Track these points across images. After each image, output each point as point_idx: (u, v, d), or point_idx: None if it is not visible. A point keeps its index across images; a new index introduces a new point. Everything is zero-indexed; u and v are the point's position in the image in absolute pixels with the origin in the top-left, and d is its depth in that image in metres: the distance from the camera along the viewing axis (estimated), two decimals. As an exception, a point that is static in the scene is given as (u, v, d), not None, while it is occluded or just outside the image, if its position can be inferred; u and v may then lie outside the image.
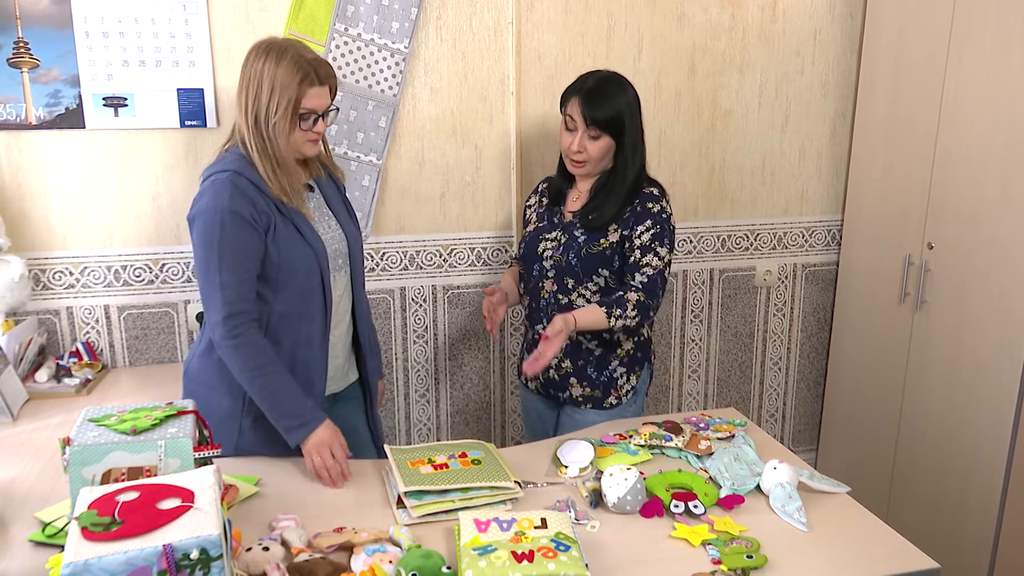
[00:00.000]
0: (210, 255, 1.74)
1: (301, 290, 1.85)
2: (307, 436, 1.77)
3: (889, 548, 1.55)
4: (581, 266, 2.10)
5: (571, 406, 2.22)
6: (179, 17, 2.41)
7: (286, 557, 1.44)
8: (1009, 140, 2.31)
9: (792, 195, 3.07)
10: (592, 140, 2.05)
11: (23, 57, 2.33)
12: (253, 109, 1.77)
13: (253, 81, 1.77)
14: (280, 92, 1.75)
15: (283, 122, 1.76)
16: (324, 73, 1.81)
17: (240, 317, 1.76)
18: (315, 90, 1.79)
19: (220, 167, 1.80)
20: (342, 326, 2.00)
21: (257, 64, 1.77)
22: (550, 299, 2.16)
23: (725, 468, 1.79)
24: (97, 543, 1.10)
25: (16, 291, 2.34)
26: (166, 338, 2.62)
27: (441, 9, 2.59)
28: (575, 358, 2.18)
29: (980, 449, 2.46)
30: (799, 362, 3.25)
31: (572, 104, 2.05)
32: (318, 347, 1.90)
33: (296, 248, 1.82)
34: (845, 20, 2.94)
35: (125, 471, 1.38)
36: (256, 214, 1.76)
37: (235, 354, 1.77)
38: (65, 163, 2.44)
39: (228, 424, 1.88)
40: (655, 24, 2.77)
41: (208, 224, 1.74)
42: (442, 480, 1.63)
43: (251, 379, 1.78)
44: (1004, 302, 2.35)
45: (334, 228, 1.96)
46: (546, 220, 2.21)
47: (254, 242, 1.77)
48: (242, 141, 1.81)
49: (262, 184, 1.78)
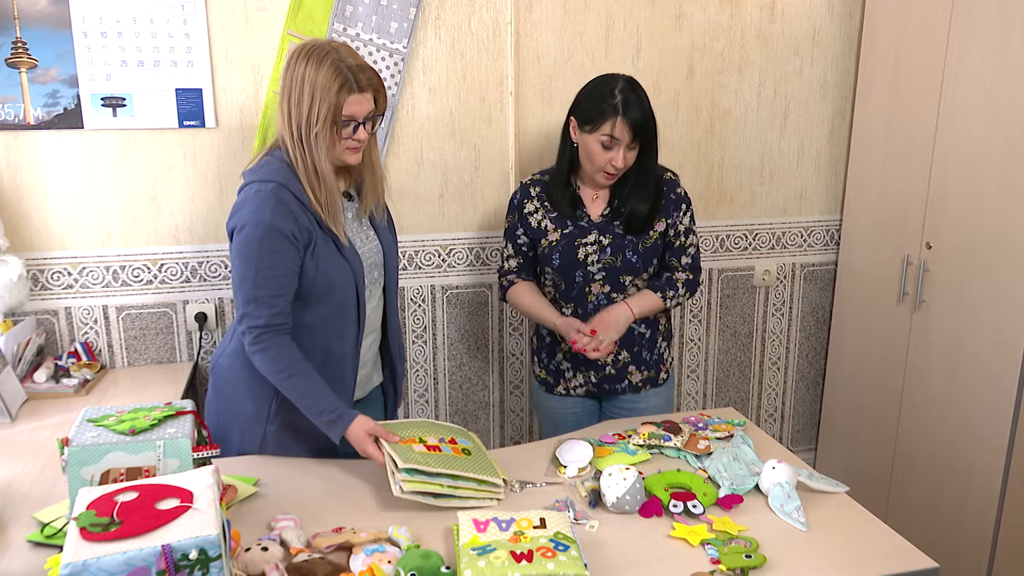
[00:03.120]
0: (247, 268, 1.73)
1: (336, 305, 1.84)
2: (346, 429, 1.73)
3: (888, 548, 1.55)
4: (641, 262, 2.14)
5: (629, 394, 2.25)
6: (177, 17, 2.41)
7: (285, 557, 1.44)
8: (1008, 140, 2.31)
9: (791, 195, 3.07)
10: (631, 151, 2.05)
11: (21, 57, 2.33)
12: (296, 117, 1.72)
13: (295, 88, 1.72)
14: (320, 100, 1.70)
15: (324, 131, 1.72)
16: (365, 80, 1.74)
17: (270, 329, 1.75)
18: (355, 97, 1.73)
19: (264, 175, 1.76)
20: (372, 335, 1.99)
21: (298, 69, 1.72)
22: (600, 301, 2.16)
23: (724, 468, 1.79)
24: (96, 543, 1.10)
25: (14, 291, 2.34)
26: (165, 338, 2.62)
27: (440, 9, 2.59)
28: (630, 346, 2.21)
29: (979, 448, 2.46)
30: (798, 362, 3.26)
31: (611, 124, 2.01)
32: (349, 361, 1.89)
33: (334, 264, 1.80)
34: (844, 20, 2.94)
35: (124, 471, 1.38)
36: (298, 231, 1.74)
37: (263, 359, 1.76)
38: (63, 163, 2.44)
39: (253, 427, 1.89)
40: (654, 24, 2.77)
41: (249, 238, 1.72)
42: (436, 463, 1.64)
43: (282, 381, 1.77)
44: (1003, 301, 2.35)
45: (371, 239, 1.93)
46: (571, 225, 2.16)
47: (292, 258, 1.75)
48: (285, 149, 1.77)
49: (305, 198, 1.75)
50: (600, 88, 2.06)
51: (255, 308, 1.74)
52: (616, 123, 2.00)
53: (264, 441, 1.90)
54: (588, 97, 2.08)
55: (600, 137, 2.03)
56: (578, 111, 2.09)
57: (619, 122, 2.00)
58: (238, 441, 1.92)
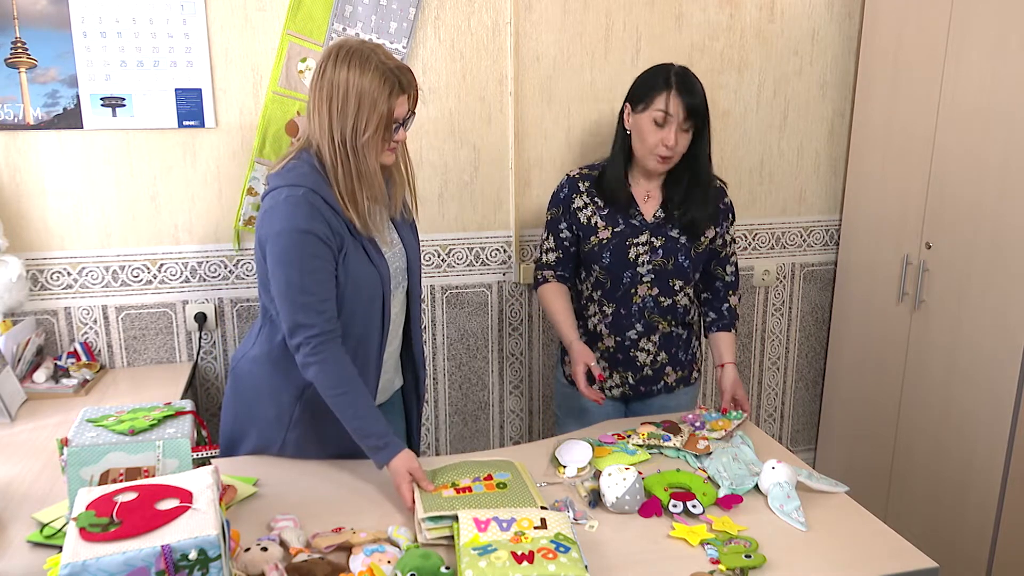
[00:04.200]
0: (290, 275, 1.68)
1: (361, 311, 1.80)
2: (391, 458, 1.69)
3: (887, 547, 1.55)
4: (692, 266, 2.15)
5: (663, 394, 2.26)
6: (177, 17, 2.41)
7: (284, 557, 1.44)
8: (1007, 140, 2.31)
9: (790, 195, 3.07)
10: (684, 133, 2.03)
11: (21, 57, 2.33)
12: (340, 124, 1.66)
13: (337, 93, 1.65)
14: (370, 107, 1.65)
15: (375, 138, 1.68)
16: (407, 80, 1.71)
17: (324, 336, 1.70)
18: (401, 99, 1.70)
19: (294, 180, 1.70)
20: (395, 342, 1.95)
21: (340, 73, 1.65)
22: (646, 303, 2.16)
23: (723, 468, 1.79)
24: (95, 544, 1.10)
25: (14, 291, 2.34)
26: (164, 338, 2.62)
27: (439, 9, 2.59)
28: (668, 347, 2.21)
29: (978, 448, 2.46)
30: (797, 362, 3.26)
31: (664, 98, 1.99)
32: (372, 365, 1.86)
33: (363, 271, 1.76)
34: (843, 20, 2.94)
35: (123, 471, 1.38)
36: (331, 234, 1.69)
37: (319, 372, 1.71)
38: (63, 163, 2.44)
39: (273, 432, 1.88)
40: (653, 24, 2.77)
41: (286, 245, 1.67)
42: (462, 504, 1.58)
43: (335, 397, 1.71)
44: (1002, 301, 2.35)
45: (396, 243, 1.89)
46: (623, 224, 2.13)
47: (331, 261, 1.71)
48: (318, 155, 1.72)
49: (336, 204, 1.71)
50: (655, 71, 2.06)
51: (306, 316, 1.69)
52: (669, 96, 1.99)
53: (284, 446, 1.88)
54: (643, 81, 2.08)
55: (654, 113, 2.01)
56: (632, 96, 2.09)
57: (672, 96, 1.99)
58: (255, 444, 1.91)
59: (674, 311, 2.18)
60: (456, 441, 2.98)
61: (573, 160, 2.79)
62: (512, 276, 2.85)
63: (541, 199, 2.77)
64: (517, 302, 2.89)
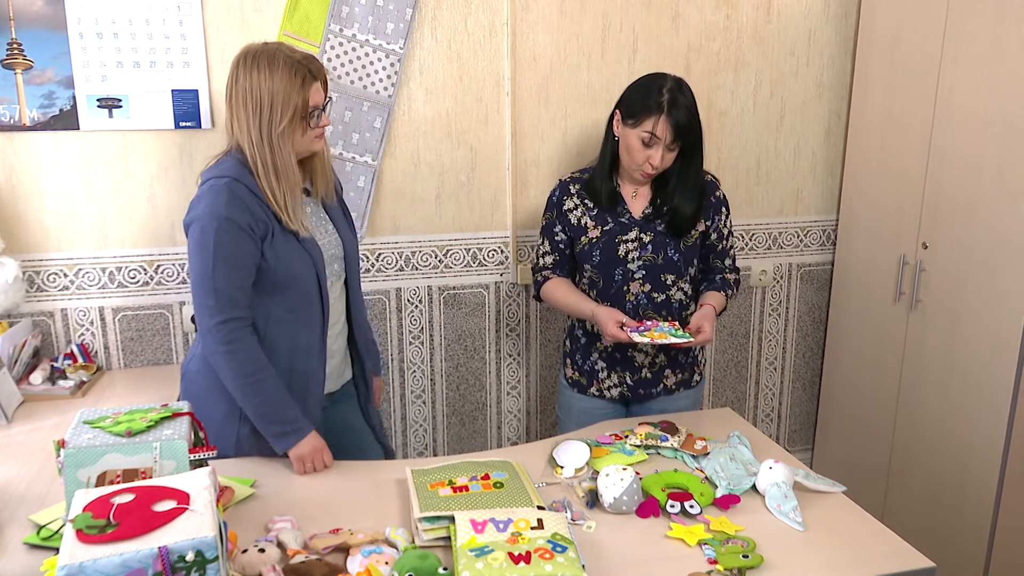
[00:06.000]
0: (205, 261, 1.73)
1: (298, 296, 1.85)
2: (297, 443, 1.79)
3: (885, 547, 1.55)
4: (683, 260, 2.15)
5: (662, 397, 2.25)
6: (173, 18, 2.41)
7: (282, 559, 1.44)
8: (1003, 139, 2.31)
9: (787, 195, 3.07)
10: (671, 152, 2.06)
11: (17, 58, 2.32)
12: (256, 123, 1.75)
13: (250, 96, 1.74)
14: (284, 100, 1.74)
15: (290, 127, 1.76)
16: (316, 68, 1.80)
17: (234, 323, 1.76)
18: (315, 86, 1.79)
19: (218, 172, 1.78)
20: (337, 327, 2.00)
21: (250, 77, 1.74)
22: (639, 300, 2.17)
23: (721, 468, 1.79)
24: (92, 545, 1.10)
25: (10, 293, 2.34)
26: (161, 340, 2.62)
27: (436, 10, 2.59)
28: (667, 349, 2.21)
29: (975, 448, 2.46)
30: (795, 362, 3.26)
31: (653, 121, 2.01)
32: (316, 350, 1.90)
33: (294, 255, 1.82)
34: (840, 20, 2.95)
35: (120, 473, 1.38)
36: (253, 222, 1.75)
37: (228, 360, 1.76)
38: (59, 164, 2.43)
39: (226, 430, 1.88)
40: (650, 25, 2.77)
41: (203, 231, 1.73)
42: (458, 504, 1.58)
43: (244, 386, 1.78)
44: (999, 301, 2.36)
45: (331, 233, 1.96)
46: (612, 222, 2.16)
47: (249, 249, 1.76)
48: (242, 152, 1.79)
49: (259, 192, 1.77)
50: (648, 85, 2.06)
51: (217, 302, 1.74)
52: (659, 121, 2.01)
53: (239, 442, 1.88)
54: (635, 92, 2.08)
55: (641, 133, 2.04)
56: (624, 105, 2.10)
57: (662, 120, 2.01)
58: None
59: (668, 306, 2.18)
60: (454, 442, 2.98)
61: (570, 160, 2.79)
62: (510, 277, 2.86)
63: (538, 199, 2.77)
64: (515, 303, 2.89)
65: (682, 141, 2.04)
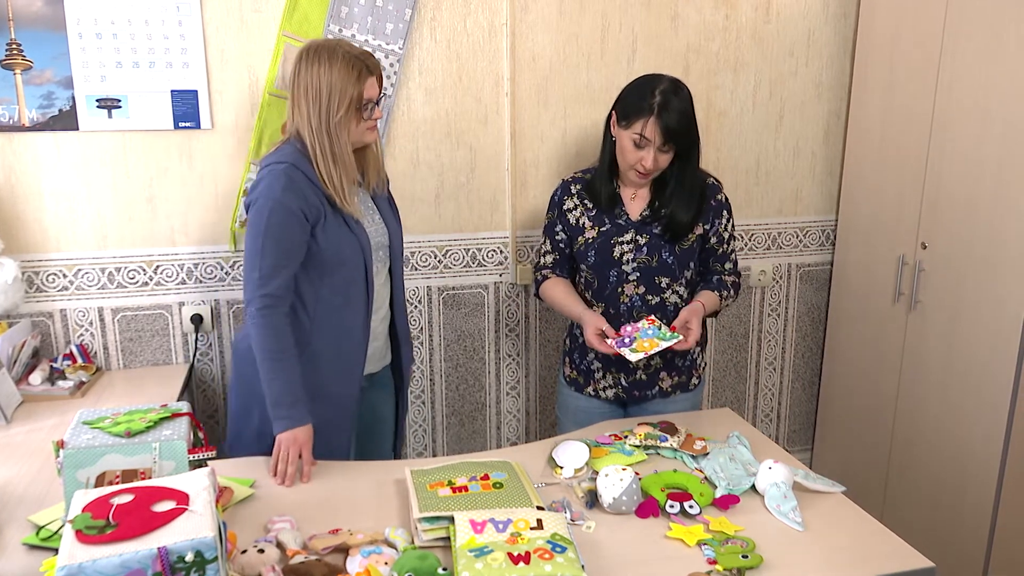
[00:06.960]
0: (256, 239, 1.85)
1: (346, 280, 1.96)
2: (290, 428, 1.82)
3: (884, 547, 1.55)
4: (677, 263, 2.15)
5: (658, 399, 2.25)
6: (172, 18, 2.41)
7: (281, 559, 1.44)
8: (1002, 140, 2.31)
9: (786, 195, 3.07)
10: (663, 154, 2.05)
11: (16, 59, 2.32)
12: (316, 112, 1.87)
13: (311, 88, 1.87)
14: (341, 92, 1.86)
15: (346, 117, 1.88)
16: (373, 63, 1.92)
17: (272, 299, 1.85)
18: (370, 81, 1.90)
19: (278, 158, 1.89)
20: (381, 312, 2.10)
21: (312, 70, 1.86)
22: (634, 302, 2.16)
23: (720, 468, 1.79)
24: (92, 546, 1.10)
25: (10, 293, 2.34)
26: (160, 340, 2.62)
27: (435, 10, 2.59)
28: (664, 352, 2.18)
29: (975, 448, 2.46)
30: (794, 362, 3.26)
31: (643, 123, 2.01)
32: (360, 332, 2.00)
33: (344, 240, 1.93)
34: (839, 20, 2.95)
35: (119, 474, 1.38)
36: (306, 207, 1.86)
37: (259, 331, 1.85)
38: (59, 165, 2.43)
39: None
40: (649, 25, 2.77)
41: (259, 212, 1.85)
42: (457, 505, 1.58)
43: (264, 359, 1.85)
44: (998, 301, 2.36)
45: (377, 223, 2.06)
46: (608, 224, 2.17)
47: (299, 233, 1.87)
48: (301, 141, 1.90)
49: (315, 179, 1.88)
50: (643, 86, 2.06)
51: (261, 277, 1.84)
52: (648, 123, 2.01)
53: None
54: (630, 93, 2.08)
55: (632, 135, 2.04)
56: (619, 105, 2.10)
57: (651, 122, 2.00)
58: (258, 422, 1.97)
59: (663, 309, 2.17)
60: (453, 442, 2.98)
61: (569, 161, 2.79)
62: (509, 277, 2.86)
63: (538, 200, 2.77)
64: (514, 303, 2.89)
65: (675, 144, 2.04)
